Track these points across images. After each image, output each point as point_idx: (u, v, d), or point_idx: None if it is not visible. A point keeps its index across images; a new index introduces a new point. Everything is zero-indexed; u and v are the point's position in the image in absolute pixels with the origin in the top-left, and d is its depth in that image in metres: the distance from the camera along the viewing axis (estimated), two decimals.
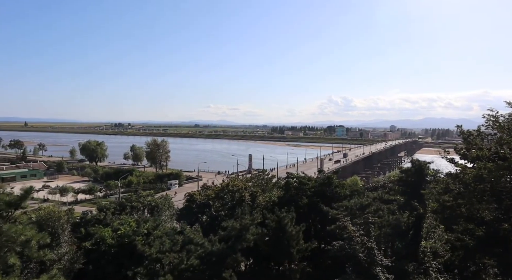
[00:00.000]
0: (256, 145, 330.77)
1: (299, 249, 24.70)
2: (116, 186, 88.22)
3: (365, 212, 22.29)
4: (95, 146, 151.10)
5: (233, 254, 21.69)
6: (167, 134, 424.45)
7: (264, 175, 52.13)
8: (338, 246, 17.22)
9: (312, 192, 34.27)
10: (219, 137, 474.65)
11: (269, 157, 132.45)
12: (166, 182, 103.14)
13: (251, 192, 35.69)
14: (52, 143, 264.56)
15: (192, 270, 21.67)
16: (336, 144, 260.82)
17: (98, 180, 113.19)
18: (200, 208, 33.11)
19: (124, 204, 34.07)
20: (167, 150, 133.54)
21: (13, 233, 12.04)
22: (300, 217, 28.45)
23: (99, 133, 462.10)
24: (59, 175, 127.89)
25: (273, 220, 24.97)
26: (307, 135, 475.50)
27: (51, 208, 24.97)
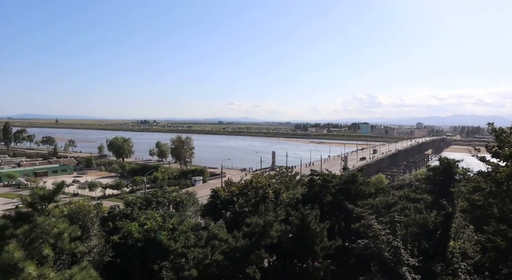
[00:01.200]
0: (279, 142, 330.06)
1: (323, 247, 24.55)
2: (142, 181, 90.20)
3: (391, 211, 21.91)
4: (122, 143, 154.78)
5: (256, 250, 21.82)
6: (191, 131, 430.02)
7: (287, 172, 52.12)
8: (363, 245, 17.03)
9: (336, 190, 33.98)
10: (243, 134, 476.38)
11: (292, 154, 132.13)
12: (191, 178, 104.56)
13: (275, 188, 35.73)
14: (81, 139, 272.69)
15: (216, 265, 21.96)
16: (361, 141, 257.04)
17: (124, 176, 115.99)
18: (224, 204, 33.42)
19: (150, 199, 34.82)
20: (191, 146, 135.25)
21: (47, 226, 12.51)
22: (324, 215, 28.29)
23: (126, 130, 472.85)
24: (88, 170, 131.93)
25: (297, 217, 24.91)
26: (330, 132, 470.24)
27: (81, 202, 25.82)
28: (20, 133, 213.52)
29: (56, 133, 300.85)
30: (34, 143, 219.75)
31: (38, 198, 13.12)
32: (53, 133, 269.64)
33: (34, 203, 13.18)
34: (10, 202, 77.91)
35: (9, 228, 12.17)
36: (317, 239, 24.13)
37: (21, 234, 12.05)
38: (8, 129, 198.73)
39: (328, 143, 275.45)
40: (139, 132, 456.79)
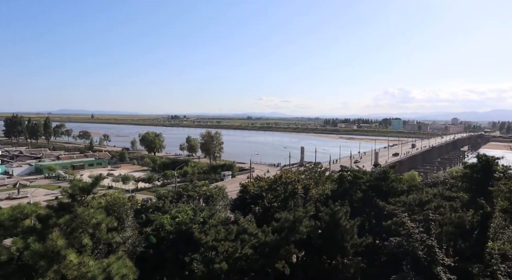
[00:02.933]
0: (308, 137, 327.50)
1: (353, 244, 24.30)
2: (173, 175, 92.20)
3: (424, 209, 21.34)
4: (153, 137, 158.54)
5: (286, 245, 21.90)
6: (221, 126, 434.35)
7: (317, 168, 51.65)
8: (395, 243, 16.70)
9: (367, 186, 33.47)
10: (271, 129, 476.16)
11: (321, 149, 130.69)
12: (220, 172, 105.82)
13: (304, 184, 35.60)
14: (115, 133, 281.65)
15: (245, 259, 22.23)
16: (392, 137, 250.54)
17: (156, 170, 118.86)
18: (253, 199, 33.64)
19: (181, 193, 35.55)
20: (220, 141, 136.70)
21: (86, 216, 13.09)
22: (354, 211, 27.94)
23: (157, 125, 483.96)
24: (121, 164, 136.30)
25: (326, 213, 24.76)
26: (361, 128, 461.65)
27: (117, 195, 26.73)
28: (59, 128, 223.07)
29: (91, 128, 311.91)
30: (72, 137, 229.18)
31: (78, 190, 13.74)
32: (89, 128, 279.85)
33: (74, 194, 13.82)
34: (50, 193, 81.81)
35: (52, 217, 12.84)
36: (347, 235, 23.90)
37: (63, 224, 12.69)
38: (48, 124, 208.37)
39: (358, 138, 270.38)
40: (169, 127, 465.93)
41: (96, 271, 12.36)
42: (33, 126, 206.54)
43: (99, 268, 12.67)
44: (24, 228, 12.72)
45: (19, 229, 12.65)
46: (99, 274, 12.43)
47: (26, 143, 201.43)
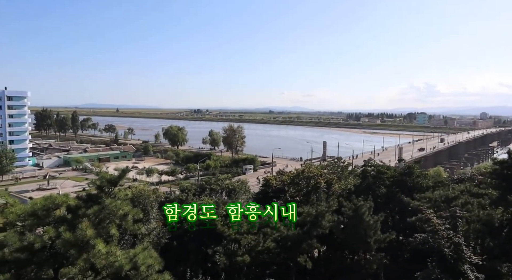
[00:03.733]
0: (330, 131, 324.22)
1: (376, 239, 24.01)
2: (196, 168, 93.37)
3: (451, 205, 20.85)
4: (177, 131, 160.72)
5: (308, 239, 21.90)
6: (243, 120, 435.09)
7: (339, 163, 51.23)
8: (420, 239, 16.43)
9: (391, 182, 33.00)
10: (293, 123, 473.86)
11: (344, 144, 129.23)
12: (242, 166, 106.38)
13: (327, 179, 35.40)
14: (140, 127, 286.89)
15: (267, 252, 22.38)
16: (417, 132, 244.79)
17: (179, 163, 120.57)
18: (276, 193, 33.73)
19: (204, 186, 36.04)
20: (242, 135, 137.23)
21: (114, 207, 13.49)
22: (377, 207, 27.59)
23: (180, 119, 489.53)
24: (145, 157, 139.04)
25: (350, 208, 24.54)
26: (384, 122, 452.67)
27: (142, 187, 27.35)
28: (85, 122, 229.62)
29: (117, 121, 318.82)
30: (98, 130, 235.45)
31: (106, 182, 14.16)
32: (114, 121, 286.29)
33: (102, 186, 14.26)
34: (78, 185, 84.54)
35: (81, 208, 13.30)
36: (370, 231, 23.63)
37: (92, 214, 13.13)
38: (76, 118, 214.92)
39: (381, 133, 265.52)
40: (192, 121, 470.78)
41: (123, 261, 12.75)
42: (61, 120, 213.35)
43: (126, 258, 13.05)
44: (55, 217, 13.22)
45: (51, 219, 13.16)
46: (126, 263, 12.82)
47: (55, 136, 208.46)
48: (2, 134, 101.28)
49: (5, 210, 13.20)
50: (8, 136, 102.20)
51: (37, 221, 12.92)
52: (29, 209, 12.90)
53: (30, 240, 11.76)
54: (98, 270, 13.37)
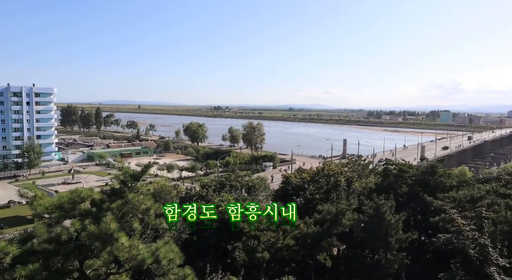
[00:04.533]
0: (350, 129, 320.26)
1: (397, 239, 23.66)
2: (215, 165, 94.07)
3: (476, 206, 20.28)
4: (197, 127, 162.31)
5: (328, 237, 21.77)
6: (262, 118, 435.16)
7: (360, 161, 50.65)
8: (443, 240, 16.06)
9: (413, 180, 32.42)
10: (313, 121, 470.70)
11: (364, 142, 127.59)
12: (261, 163, 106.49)
13: (347, 177, 35.08)
14: (161, 123, 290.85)
15: (287, 249, 22.37)
16: (440, 130, 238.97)
17: (199, 159, 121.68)
18: (295, 190, 33.66)
19: (223, 182, 36.28)
20: (262, 132, 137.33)
21: (136, 202, 13.74)
22: (399, 206, 27.19)
23: (200, 116, 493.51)
24: (166, 153, 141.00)
25: (370, 206, 24.25)
26: (406, 120, 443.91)
27: (163, 182, 27.78)
28: (108, 118, 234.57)
29: (138, 118, 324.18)
30: (120, 126, 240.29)
31: (129, 176, 14.42)
32: (136, 118, 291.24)
33: (125, 180, 14.52)
34: (101, 180, 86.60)
35: (105, 202, 13.61)
36: (391, 230, 23.31)
37: (115, 208, 13.40)
38: (99, 114, 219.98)
39: (403, 131, 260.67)
40: (212, 118, 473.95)
41: (145, 254, 12.99)
42: (85, 116, 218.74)
43: (148, 251, 13.29)
44: (81, 210, 13.56)
45: (76, 212, 13.51)
46: (148, 257, 13.05)
47: (79, 132, 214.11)
48: (30, 130, 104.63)
49: (34, 202, 13.64)
50: (35, 132, 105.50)
51: (64, 213, 13.28)
52: (56, 202, 13.28)
53: (57, 232, 12.12)
54: (121, 262, 13.69)
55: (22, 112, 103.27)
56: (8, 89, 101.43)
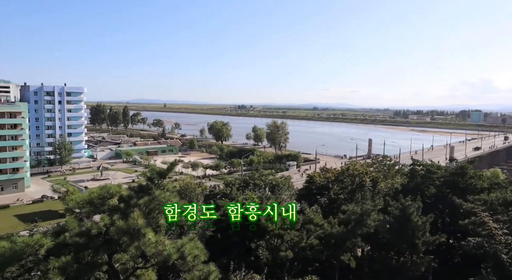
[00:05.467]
0: (376, 129, 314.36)
1: (424, 241, 23.12)
2: (239, 164, 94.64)
3: (510, 209, 19.54)
4: (221, 126, 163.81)
5: (352, 238, 21.52)
6: (286, 117, 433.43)
7: (386, 161, 49.74)
8: (474, 243, 15.56)
9: (441, 182, 31.57)
10: (338, 120, 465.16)
11: (390, 142, 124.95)
12: (285, 162, 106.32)
13: (372, 177, 34.55)
14: (186, 122, 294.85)
15: (310, 249, 22.27)
16: (470, 130, 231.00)
17: (223, 158, 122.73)
18: (320, 190, 33.45)
19: (247, 181, 36.47)
20: (286, 131, 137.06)
21: (163, 198, 14.05)
22: (426, 207, 26.54)
23: (224, 115, 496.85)
24: (191, 151, 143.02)
25: (396, 207, 23.79)
26: (434, 120, 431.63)
27: (188, 180, 28.20)
28: (135, 116, 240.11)
29: (164, 116, 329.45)
30: (147, 125, 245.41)
31: (155, 174, 14.75)
32: (162, 116, 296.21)
33: (152, 178, 14.87)
34: (128, 176, 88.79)
35: (133, 198, 13.98)
36: (418, 232, 22.80)
37: (142, 204, 13.75)
38: (127, 112, 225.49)
39: (431, 131, 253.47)
40: (236, 116, 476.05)
41: (171, 250, 13.26)
42: (113, 114, 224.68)
43: (173, 247, 13.56)
44: (110, 206, 13.99)
45: (105, 207, 13.96)
46: (174, 253, 13.32)
47: (107, 130, 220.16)
48: (61, 128, 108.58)
49: (66, 197, 14.18)
50: (66, 130, 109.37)
51: (94, 208, 13.76)
52: (86, 197, 13.77)
53: (87, 226, 12.56)
54: (147, 257, 14.04)
55: (55, 111, 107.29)
56: (41, 89, 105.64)
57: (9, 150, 76.13)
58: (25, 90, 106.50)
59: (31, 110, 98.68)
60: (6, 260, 11.22)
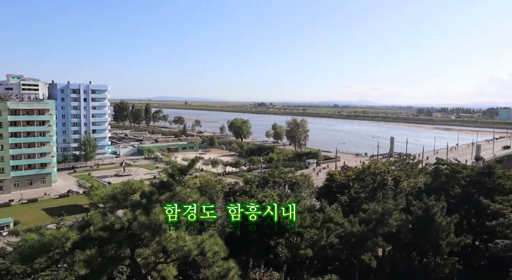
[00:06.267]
0: (398, 127, 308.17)
1: (449, 242, 22.55)
2: (259, 161, 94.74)
3: None
4: (241, 124, 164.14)
5: (373, 237, 21.20)
6: (306, 114, 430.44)
7: (408, 159, 48.77)
8: (502, 246, 15.07)
9: (467, 182, 30.74)
10: (359, 118, 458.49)
11: (413, 140, 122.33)
12: (305, 160, 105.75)
13: (394, 176, 33.93)
14: (206, 119, 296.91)
15: (330, 247, 22.09)
16: (499, 128, 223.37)
17: (242, 155, 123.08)
18: (340, 188, 33.11)
19: (267, 178, 36.46)
20: (306, 129, 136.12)
21: (184, 195, 14.23)
22: (451, 208, 25.88)
23: (244, 112, 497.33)
24: (211, 148, 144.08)
25: (419, 207, 23.30)
26: (460, 118, 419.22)
27: (209, 177, 28.42)
28: (157, 114, 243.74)
29: (185, 114, 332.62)
30: (168, 122, 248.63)
31: (177, 170, 14.95)
32: (183, 114, 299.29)
33: (173, 174, 15.07)
34: (149, 173, 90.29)
35: (155, 194, 14.21)
36: (442, 233, 22.25)
37: (164, 200, 13.96)
38: (149, 110, 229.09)
39: (456, 129, 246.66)
40: (256, 114, 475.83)
41: (191, 246, 13.43)
42: (136, 111, 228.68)
43: (194, 243, 13.72)
44: (132, 201, 14.27)
45: (128, 202, 14.24)
46: (194, 248, 13.48)
47: (130, 127, 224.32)
48: (86, 124, 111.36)
49: (91, 192, 14.56)
50: (91, 126, 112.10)
51: (117, 203, 14.06)
52: (110, 193, 14.08)
53: (111, 221, 12.86)
54: (168, 253, 14.25)
55: (80, 108, 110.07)
56: (68, 87, 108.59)
57: (38, 146, 78.63)
58: (53, 88, 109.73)
59: (58, 107, 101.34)
60: (35, 252, 11.61)
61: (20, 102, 79.93)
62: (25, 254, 11.77)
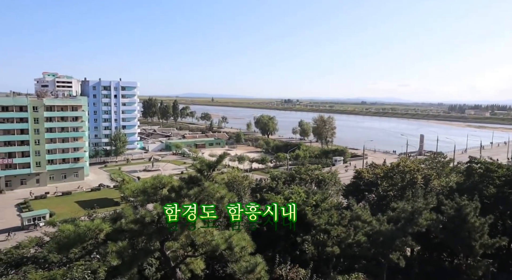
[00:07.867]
0: (428, 124, 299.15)
1: (482, 244, 21.79)
2: (285, 158, 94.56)
3: None
4: (267, 120, 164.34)
5: (402, 236, 20.80)
6: (333, 111, 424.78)
7: (439, 158, 47.36)
8: None
9: (502, 181, 29.55)
10: (387, 115, 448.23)
11: (444, 138, 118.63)
12: (331, 157, 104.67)
13: (424, 174, 33.09)
14: (232, 116, 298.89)
15: (357, 245, 21.84)
16: None
17: (269, 152, 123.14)
18: (368, 186, 32.62)
19: (293, 175, 36.39)
20: (333, 126, 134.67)
21: (212, 190, 14.44)
22: (484, 208, 24.98)
23: (270, 109, 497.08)
24: (237, 144, 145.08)
25: (451, 207, 22.62)
26: (495, 115, 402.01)
27: (236, 173, 28.68)
28: (184, 110, 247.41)
29: (211, 110, 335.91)
30: (195, 118, 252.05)
31: (205, 166, 15.18)
32: (209, 110, 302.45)
33: (202, 169, 15.32)
34: (177, 168, 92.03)
35: (184, 188, 14.50)
36: (475, 234, 21.53)
37: (192, 195, 14.23)
38: (176, 106, 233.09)
39: (490, 127, 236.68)
40: (282, 111, 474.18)
41: (219, 240, 13.64)
42: (164, 108, 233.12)
43: (221, 238, 13.93)
44: (162, 196, 14.63)
45: (158, 196, 14.62)
46: (222, 243, 13.69)
47: (158, 123, 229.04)
48: (117, 120, 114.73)
49: (122, 186, 15.02)
50: (121, 122, 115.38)
51: (147, 197, 14.45)
52: (140, 187, 14.48)
53: (142, 214, 13.25)
54: (196, 246, 14.54)
55: (111, 105, 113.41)
56: (99, 84, 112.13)
57: (71, 141, 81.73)
58: (85, 85, 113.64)
59: (89, 103, 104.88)
60: (70, 242, 12.13)
61: (55, 99, 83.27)
62: (61, 244, 12.30)
